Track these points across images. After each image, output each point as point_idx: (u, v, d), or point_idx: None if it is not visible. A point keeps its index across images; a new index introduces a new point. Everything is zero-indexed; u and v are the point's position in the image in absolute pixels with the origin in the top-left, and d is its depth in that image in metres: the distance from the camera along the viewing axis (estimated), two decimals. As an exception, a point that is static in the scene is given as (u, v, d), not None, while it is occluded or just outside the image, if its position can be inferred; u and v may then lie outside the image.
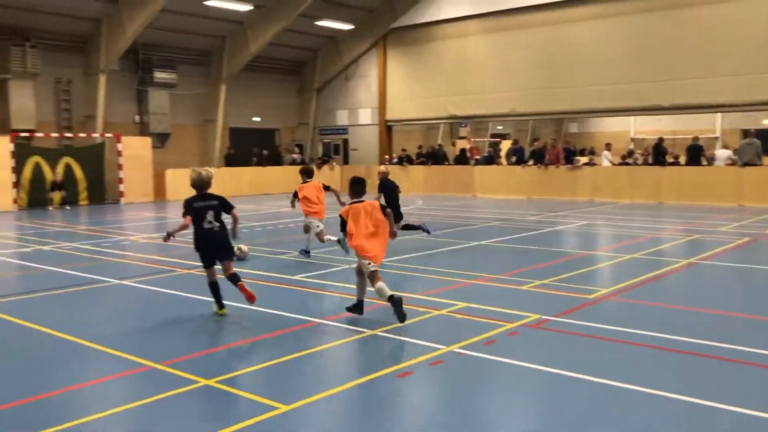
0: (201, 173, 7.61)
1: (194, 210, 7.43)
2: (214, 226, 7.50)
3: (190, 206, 7.46)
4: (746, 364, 5.77)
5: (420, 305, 7.88)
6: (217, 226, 7.53)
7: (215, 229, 7.51)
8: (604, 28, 23.88)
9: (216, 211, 7.53)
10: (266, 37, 26.83)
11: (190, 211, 7.43)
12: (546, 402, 5.08)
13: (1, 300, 8.64)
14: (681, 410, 4.84)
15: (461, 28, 27.42)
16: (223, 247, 7.63)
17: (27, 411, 4.93)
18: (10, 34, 22.49)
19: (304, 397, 5.08)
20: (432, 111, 28.72)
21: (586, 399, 5.09)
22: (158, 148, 26.45)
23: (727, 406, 4.83)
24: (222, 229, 7.58)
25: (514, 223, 16.40)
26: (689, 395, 5.03)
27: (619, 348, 6.33)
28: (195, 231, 7.52)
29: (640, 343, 6.35)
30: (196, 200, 7.52)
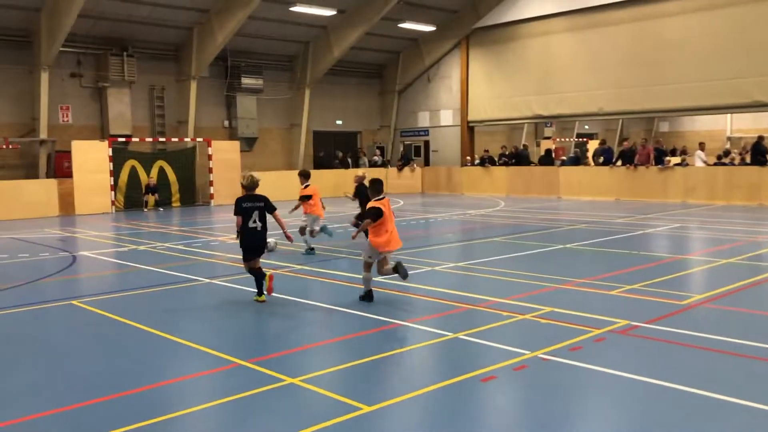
0: (253, 176, 8.56)
1: (243, 210, 8.28)
2: (258, 226, 8.32)
3: (239, 206, 8.31)
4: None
5: (504, 309, 7.76)
6: (260, 226, 8.34)
7: (258, 229, 8.34)
8: (698, 22, 22.85)
9: (261, 211, 8.36)
10: (349, 41, 27.17)
11: (240, 210, 8.29)
12: (633, 412, 4.89)
13: (100, 297, 9.12)
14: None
15: (546, 26, 26.88)
16: (262, 246, 8.51)
17: (120, 404, 5.17)
18: (110, 44, 23.73)
19: (386, 398, 5.10)
20: (516, 111, 28.29)
21: (678, 409, 4.87)
22: (246, 151, 27.28)
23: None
24: (263, 230, 8.39)
25: (602, 226, 15.93)
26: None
27: (712, 357, 6.03)
28: (242, 228, 8.33)
29: (736, 353, 6.03)
30: (246, 200, 8.37)
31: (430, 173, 30.19)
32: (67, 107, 23.58)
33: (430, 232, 15.97)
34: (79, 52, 23.44)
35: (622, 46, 24.62)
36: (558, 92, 26.60)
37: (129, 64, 23.83)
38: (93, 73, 23.88)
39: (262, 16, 24.87)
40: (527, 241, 13.54)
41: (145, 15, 23.17)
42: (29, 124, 22.62)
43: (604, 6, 24.96)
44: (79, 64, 23.62)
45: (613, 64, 24.84)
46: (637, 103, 24.59)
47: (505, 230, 15.54)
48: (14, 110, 22.49)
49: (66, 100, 23.52)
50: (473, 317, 7.53)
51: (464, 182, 28.41)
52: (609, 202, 22.52)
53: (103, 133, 24.01)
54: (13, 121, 22.50)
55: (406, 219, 18.38)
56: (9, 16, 21.22)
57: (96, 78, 23.88)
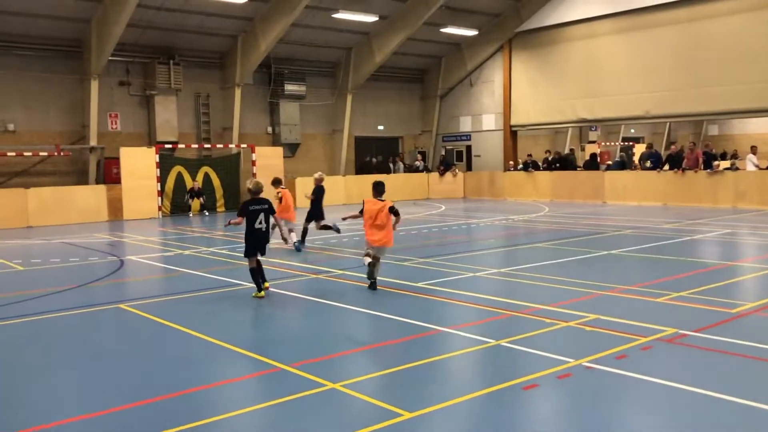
0: (259, 182, 9.47)
1: (249, 212, 9.14)
2: (262, 227, 9.23)
3: (246, 208, 9.17)
4: None
5: (548, 316, 7.65)
6: (264, 227, 9.25)
7: (263, 229, 9.24)
8: (748, 21, 22.24)
9: (265, 213, 9.25)
10: (391, 47, 27.25)
11: (246, 212, 9.14)
12: (681, 423, 4.76)
13: (146, 301, 9.30)
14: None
15: (591, 29, 26.51)
16: (264, 244, 9.33)
17: (166, 407, 5.26)
18: (157, 53, 24.27)
19: (427, 405, 5.07)
20: (560, 115, 27.94)
21: (727, 421, 4.72)
22: (288, 157, 27.57)
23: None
24: (267, 230, 9.31)
25: (648, 232, 15.60)
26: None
27: (764, 367, 5.84)
28: (247, 228, 9.17)
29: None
30: (253, 204, 9.22)
31: (473, 178, 30.01)
32: (116, 115, 24.19)
33: (472, 238, 15.87)
34: (127, 61, 24.05)
35: (669, 47, 24.12)
36: (603, 95, 26.19)
37: (175, 72, 24.33)
38: (141, 81, 24.47)
39: (305, 23, 25.13)
40: (571, 246, 13.35)
41: (195, 24, 23.65)
42: (80, 131, 23.28)
43: (651, 7, 24.50)
44: (127, 72, 24.23)
45: (661, 66, 24.35)
46: (686, 105, 24.05)
47: (549, 236, 15.35)
48: (66, 118, 23.19)
49: (115, 108, 24.14)
50: (516, 324, 7.44)
51: (507, 187, 28.16)
52: (656, 208, 22.05)
53: (150, 139, 24.55)
54: (65, 129, 23.19)
55: (447, 224, 18.31)
56: (61, 27, 21.90)
57: (143, 86, 24.46)
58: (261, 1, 23.37)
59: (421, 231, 16.91)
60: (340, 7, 24.63)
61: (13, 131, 22.22)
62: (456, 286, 9.60)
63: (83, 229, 18.85)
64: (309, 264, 11.87)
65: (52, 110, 22.99)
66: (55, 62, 22.74)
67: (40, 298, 9.52)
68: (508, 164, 29.09)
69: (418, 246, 14.13)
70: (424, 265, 11.53)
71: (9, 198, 20.16)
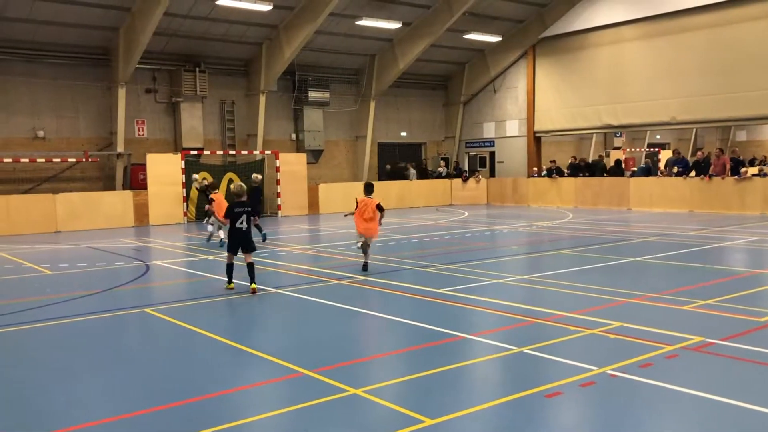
0: (243, 185, 10.43)
1: (234, 213, 10.02)
2: (243, 227, 10.02)
3: (231, 210, 10.06)
4: None
5: (571, 324, 7.59)
6: (245, 228, 10.03)
7: (243, 228, 10.02)
8: (777, 26, 21.92)
9: (248, 215, 10.08)
10: (414, 53, 27.29)
11: (231, 214, 10.03)
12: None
13: (171, 305, 9.40)
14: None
15: (616, 35, 26.31)
16: (247, 242, 10.04)
17: (188, 411, 5.31)
18: (183, 60, 24.58)
19: (449, 412, 5.06)
20: (584, 121, 27.75)
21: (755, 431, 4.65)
22: (312, 163, 27.71)
23: None
24: (247, 230, 10.07)
25: (674, 238, 15.41)
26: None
27: (796, 378, 5.73)
28: (230, 227, 10.09)
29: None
30: (237, 206, 10.08)
31: (496, 184, 29.89)
32: (143, 121, 24.53)
33: (495, 244, 15.80)
34: (154, 69, 24.37)
35: (696, 52, 23.85)
36: (628, 101, 25.96)
37: (201, 79, 24.61)
38: (167, 88, 24.78)
39: (329, 30, 25.28)
40: (596, 253, 13.23)
41: (221, 32, 23.92)
42: (107, 138, 23.64)
43: (677, 12, 24.26)
44: (154, 80, 24.56)
45: (687, 72, 24.08)
46: (713, 111, 23.74)
47: (573, 242, 15.23)
48: (94, 125, 23.57)
49: (141, 115, 24.48)
50: (539, 331, 7.39)
51: (531, 193, 28.00)
52: (682, 214, 21.77)
53: (176, 146, 24.85)
54: (93, 136, 23.56)
55: (470, 230, 18.25)
56: (90, 36, 22.28)
57: (170, 93, 24.77)
58: (285, 9, 23.56)
59: (444, 237, 16.88)
60: (363, 14, 24.74)
61: (42, 138, 22.63)
62: (479, 292, 9.56)
63: (110, 234, 19.11)
64: (332, 270, 11.91)
65: (80, 117, 23.39)
66: (84, 70, 23.14)
67: (68, 301, 9.67)
68: (531, 170, 28.94)
69: (440, 252, 14.11)
70: (447, 271, 11.50)
71: (38, 203, 20.52)
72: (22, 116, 22.31)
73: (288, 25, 24.23)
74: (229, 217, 10.03)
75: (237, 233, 10.02)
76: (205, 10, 22.27)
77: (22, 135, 22.34)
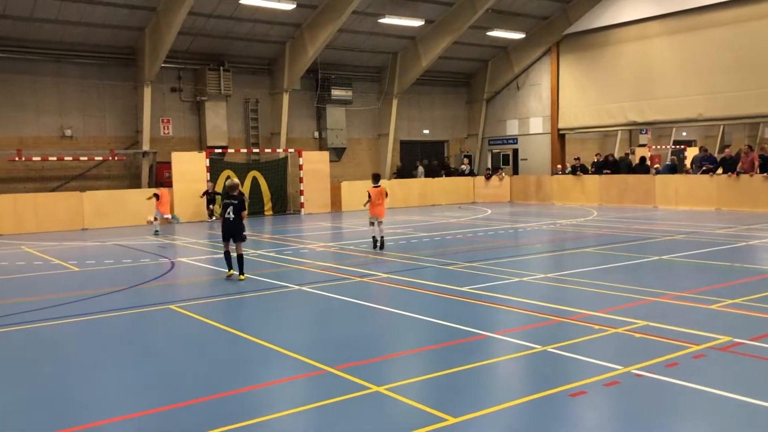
0: (234, 181, 11.38)
1: (223, 205, 11.09)
2: (231, 217, 10.93)
3: (222, 202, 11.27)
4: None
5: (596, 322, 7.53)
6: (233, 218, 10.91)
7: (231, 219, 10.92)
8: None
9: (234, 207, 10.93)
10: (437, 51, 27.21)
11: (222, 206, 11.22)
12: (738, 434, 4.63)
13: (195, 302, 9.49)
14: None
15: (642, 30, 26.00)
16: (235, 231, 10.96)
17: (211, 407, 5.35)
18: (207, 60, 24.79)
19: (472, 410, 5.05)
20: (609, 118, 27.47)
21: (787, 434, 4.57)
22: (334, 161, 27.78)
23: None
24: (235, 220, 10.92)
25: (701, 237, 15.20)
26: None
27: (827, 379, 5.63)
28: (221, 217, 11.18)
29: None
30: (225, 198, 11.17)
31: (519, 182, 29.72)
32: (168, 120, 24.78)
33: (519, 242, 15.72)
34: (179, 68, 24.60)
35: (724, 48, 23.48)
36: (654, 98, 25.65)
37: (225, 78, 24.80)
38: (192, 87, 25.00)
39: (352, 28, 25.32)
40: (621, 252, 13.10)
41: (245, 31, 24.07)
42: (133, 136, 23.92)
43: (704, 8, 23.90)
44: (179, 79, 24.79)
45: (714, 68, 23.72)
46: (740, 108, 23.35)
47: (598, 240, 15.09)
48: (120, 124, 23.86)
49: (167, 114, 24.73)
50: (563, 330, 7.34)
51: (554, 191, 27.79)
52: (709, 212, 21.45)
53: (200, 144, 25.07)
54: (119, 135, 23.86)
55: (493, 228, 18.17)
56: (117, 36, 22.56)
57: (194, 92, 24.99)
58: (309, 8, 23.64)
59: (467, 235, 16.83)
60: (386, 12, 24.73)
61: (70, 137, 22.96)
62: (502, 291, 9.52)
63: (136, 232, 19.34)
64: (355, 267, 11.94)
65: (107, 116, 23.69)
66: (111, 70, 23.43)
67: (94, 298, 9.81)
68: (555, 168, 28.73)
69: (463, 250, 14.07)
70: (470, 269, 11.47)
71: (66, 201, 20.85)
72: (50, 116, 22.67)
73: (311, 23, 24.30)
74: (221, 209, 11.38)
75: (225, 223, 11.04)
76: (229, 9, 22.42)
77: (50, 134, 22.71)
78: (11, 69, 21.78)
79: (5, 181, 21.83)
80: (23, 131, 22.23)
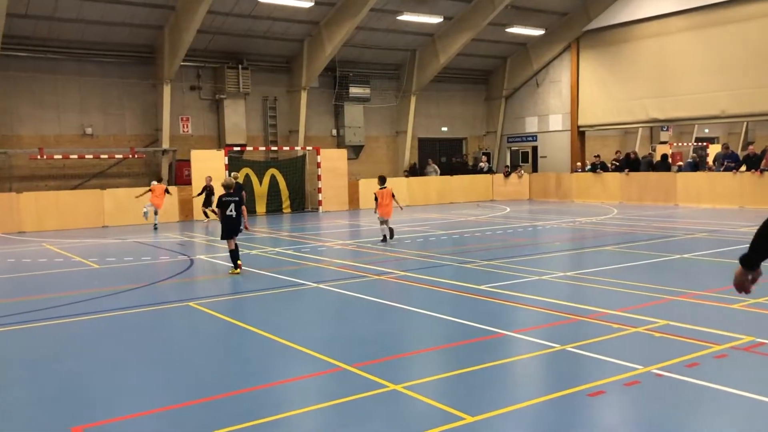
0: (232, 180, 11.77)
1: (223, 203, 11.31)
2: (233, 214, 11.27)
3: (220, 200, 11.39)
4: None
5: (615, 321, 7.45)
6: (235, 215, 11.28)
7: (234, 216, 11.27)
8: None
9: (236, 204, 11.31)
10: (455, 48, 27.11)
11: (221, 204, 11.34)
12: (761, 436, 4.55)
13: (214, 299, 9.54)
14: None
15: (663, 26, 25.70)
16: (238, 228, 11.37)
17: (229, 404, 5.37)
18: (226, 58, 24.90)
19: (490, 409, 5.01)
20: (630, 115, 27.19)
21: (812, 436, 4.48)
22: (352, 159, 27.78)
23: None
24: (237, 217, 11.30)
25: (723, 235, 15.00)
26: None
27: None
28: (221, 215, 11.37)
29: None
30: (225, 196, 11.37)
31: (538, 180, 29.53)
32: (187, 118, 24.93)
33: (538, 240, 15.61)
34: (198, 66, 24.74)
35: (748, 43, 23.13)
36: (676, 94, 25.35)
37: (244, 76, 24.90)
38: (211, 85, 25.13)
39: (370, 26, 25.30)
40: (641, 250, 12.96)
41: (263, 29, 24.15)
42: (153, 135, 24.10)
43: (728, 2, 23.56)
44: (198, 77, 24.93)
45: (737, 64, 23.38)
46: (764, 104, 22.99)
47: (618, 239, 14.95)
48: (140, 122, 24.06)
49: (186, 112, 24.88)
50: (582, 329, 7.27)
51: (574, 189, 27.58)
52: (731, 210, 21.17)
53: (219, 142, 25.19)
54: (139, 133, 24.06)
55: (512, 226, 18.07)
56: (136, 35, 22.73)
57: (213, 90, 25.12)
58: (327, 5, 23.65)
59: (485, 233, 16.75)
60: (404, 9, 24.68)
61: (91, 135, 23.19)
62: (520, 289, 9.46)
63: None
64: (372, 265, 11.93)
65: (127, 114, 23.90)
66: (131, 68, 23.63)
67: (114, 295, 9.89)
68: (575, 165, 28.50)
69: (481, 248, 14.01)
70: (488, 267, 11.41)
71: (86, 198, 21.06)
72: (72, 114, 22.92)
73: (329, 21, 24.32)
74: (220, 207, 11.38)
75: (228, 220, 11.27)
76: (248, 7, 22.50)
77: (71, 132, 22.95)
78: (33, 68, 22.05)
79: (28, 179, 22.11)
80: (45, 130, 22.49)
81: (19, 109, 22.04)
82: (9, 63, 21.31)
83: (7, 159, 21.66)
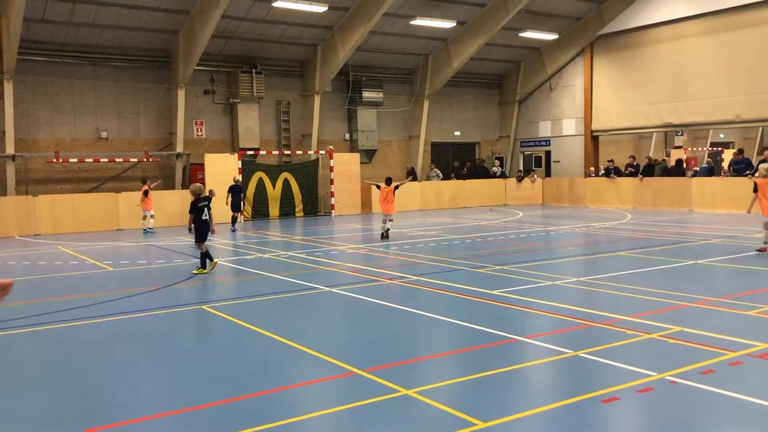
0: (199, 186, 12.29)
1: (197, 209, 12.01)
2: (207, 218, 12.07)
3: (195, 206, 12.03)
4: None
5: (629, 327, 7.41)
6: (207, 217, 12.09)
7: (206, 220, 12.07)
8: None
9: (208, 207, 12.12)
10: (469, 52, 27.10)
11: (194, 209, 12.01)
12: (777, 444, 4.51)
13: (227, 302, 9.58)
14: None
15: (678, 30, 25.56)
16: (208, 231, 12.16)
17: (241, 407, 5.39)
18: (240, 62, 25.04)
19: (502, 415, 5.00)
20: (644, 119, 27.05)
21: (828, 445, 4.43)
22: (365, 163, 27.83)
23: None
24: (210, 219, 12.13)
25: (738, 241, 14.87)
26: None
27: None
28: (195, 220, 11.99)
29: None
30: (198, 202, 12.06)
31: (551, 184, 29.43)
32: (201, 122, 25.08)
33: (551, 245, 15.55)
34: (212, 71, 24.90)
35: (762, 48, 22.95)
36: (691, 99, 25.19)
37: (257, 80, 25.02)
38: (224, 89, 25.28)
39: (383, 30, 25.35)
40: (655, 255, 12.88)
41: (277, 34, 24.27)
42: (167, 138, 24.26)
43: (743, 7, 23.40)
44: (212, 81, 25.09)
45: (753, 68, 23.20)
46: (781, 109, 22.79)
47: (632, 244, 14.86)
48: (154, 126, 24.24)
49: (200, 116, 25.04)
50: (595, 335, 7.23)
51: (587, 194, 27.46)
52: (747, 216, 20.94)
53: (233, 146, 25.32)
54: (153, 136, 24.23)
55: (525, 231, 18.02)
56: (151, 39, 22.92)
57: (227, 94, 25.27)
58: (340, 10, 23.74)
59: (498, 238, 16.71)
60: (417, 13, 24.72)
61: (106, 138, 23.39)
62: (533, 294, 9.42)
63: (169, 232, 19.60)
64: (385, 269, 11.93)
65: (141, 118, 24.08)
66: (145, 73, 23.82)
67: (128, 297, 9.96)
68: (588, 170, 28.38)
69: (494, 253, 13.97)
70: (501, 272, 11.38)
71: (101, 202, 21.23)
72: (87, 117, 23.12)
73: (343, 26, 24.40)
74: (193, 213, 11.99)
75: (203, 224, 12.03)
76: (262, 12, 22.62)
77: (87, 136, 23.16)
78: (50, 72, 22.28)
79: (43, 182, 22.33)
80: (61, 133, 22.71)
81: (35, 113, 22.27)
82: (26, 67, 21.55)
83: (24, 162, 21.89)
